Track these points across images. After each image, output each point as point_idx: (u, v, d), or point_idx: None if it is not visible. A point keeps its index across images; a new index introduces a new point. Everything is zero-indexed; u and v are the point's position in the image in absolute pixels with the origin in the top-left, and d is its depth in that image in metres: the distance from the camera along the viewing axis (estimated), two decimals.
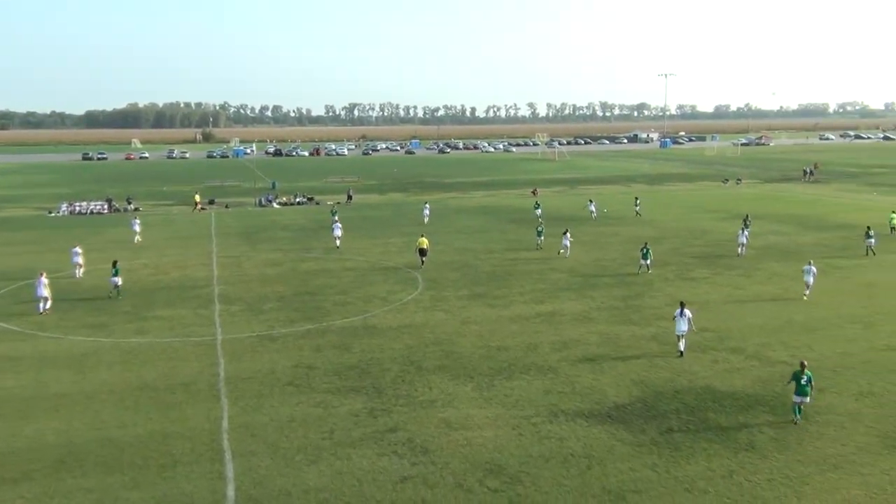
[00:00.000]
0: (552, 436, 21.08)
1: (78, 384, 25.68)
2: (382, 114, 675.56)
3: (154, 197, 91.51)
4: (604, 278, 41.25)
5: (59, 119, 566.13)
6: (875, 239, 47.62)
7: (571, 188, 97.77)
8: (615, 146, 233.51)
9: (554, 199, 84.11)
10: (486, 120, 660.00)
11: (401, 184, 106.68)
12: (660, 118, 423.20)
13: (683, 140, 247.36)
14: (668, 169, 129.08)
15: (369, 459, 19.82)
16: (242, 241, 56.60)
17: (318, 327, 32.33)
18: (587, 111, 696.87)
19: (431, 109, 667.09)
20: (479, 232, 59.30)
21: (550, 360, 27.61)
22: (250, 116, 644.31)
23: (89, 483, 18.74)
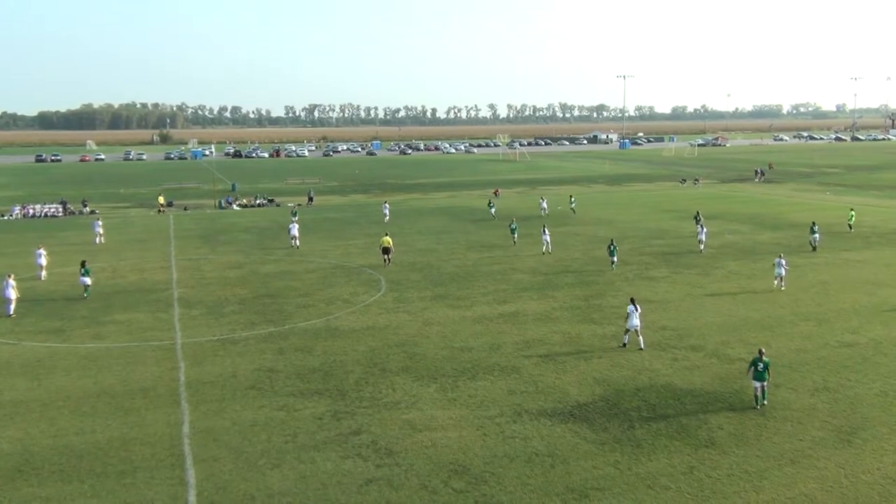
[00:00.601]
0: (516, 435, 21.19)
1: (33, 391, 25.13)
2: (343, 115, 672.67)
3: (110, 199, 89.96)
4: (566, 278, 41.57)
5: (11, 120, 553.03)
6: (818, 235, 49.09)
7: (533, 189, 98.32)
8: (575, 147, 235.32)
9: (513, 199, 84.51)
10: (447, 121, 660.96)
11: (362, 185, 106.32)
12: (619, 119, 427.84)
13: (642, 141, 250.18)
14: (627, 169, 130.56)
15: (333, 462, 19.72)
16: (202, 244, 55.90)
17: (280, 330, 32.07)
18: (547, 112, 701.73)
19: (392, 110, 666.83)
20: (441, 233, 59.37)
21: (514, 360, 27.75)
22: (209, 117, 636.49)
23: (46, 492, 18.35)
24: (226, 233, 61.52)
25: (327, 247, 53.38)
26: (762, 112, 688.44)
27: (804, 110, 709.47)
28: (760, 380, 22.82)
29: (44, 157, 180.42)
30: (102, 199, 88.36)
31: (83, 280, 38.34)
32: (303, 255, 49.86)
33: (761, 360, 22.81)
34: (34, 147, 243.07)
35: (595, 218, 66.56)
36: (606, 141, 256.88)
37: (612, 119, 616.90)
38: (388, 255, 45.76)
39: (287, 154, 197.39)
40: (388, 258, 45.77)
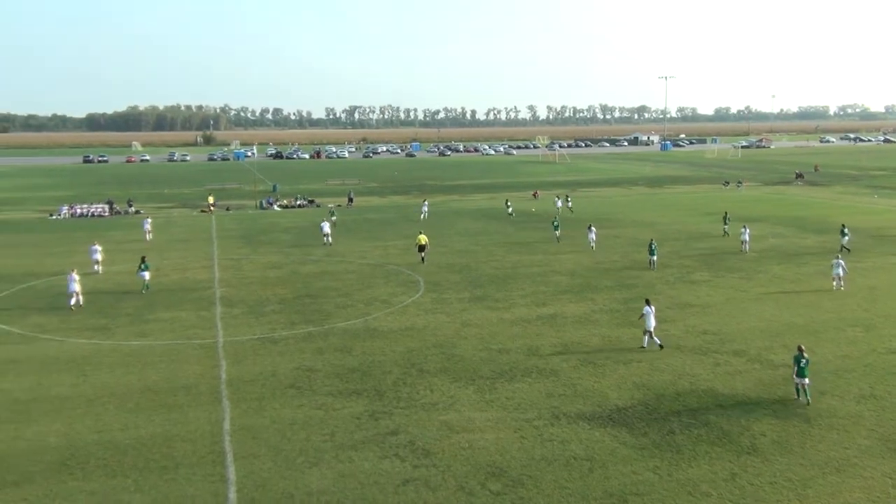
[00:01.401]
0: (554, 438, 21.06)
1: (79, 387, 25.67)
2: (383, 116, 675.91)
3: (155, 200, 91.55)
4: (605, 280, 41.24)
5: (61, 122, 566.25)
6: (849, 237, 48.99)
7: (572, 191, 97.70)
8: (616, 149, 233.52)
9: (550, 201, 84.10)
10: (486, 122, 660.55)
11: (401, 186, 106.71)
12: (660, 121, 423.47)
13: (684, 142, 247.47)
14: (668, 171, 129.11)
15: (371, 462, 19.81)
16: (244, 244, 56.61)
17: (320, 330, 32.32)
18: (587, 114, 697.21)
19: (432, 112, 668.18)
20: (480, 234, 59.31)
21: (552, 362, 27.60)
22: (251, 119, 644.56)
23: (91, 486, 18.73)
24: (267, 233, 62.21)
25: (366, 247, 53.67)
26: (808, 113, 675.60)
27: (852, 111, 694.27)
28: (802, 376, 23.29)
29: (91, 158, 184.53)
30: (147, 200, 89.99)
31: (142, 275, 40.28)
32: (342, 256, 50.21)
33: (802, 356, 23.35)
34: (82, 148, 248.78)
35: (635, 220, 65.93)
36: (647, 142, 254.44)
37: (653, 120, 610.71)
38: (423, 253, 46.87)
39: (327, 155, 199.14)
40: (424, 256, 46.76)
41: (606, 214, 71.04)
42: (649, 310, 28.97)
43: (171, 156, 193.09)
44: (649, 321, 28.86)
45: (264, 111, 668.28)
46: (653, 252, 44.76)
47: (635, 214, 70.41)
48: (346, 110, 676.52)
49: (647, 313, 28.92)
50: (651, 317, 28.88)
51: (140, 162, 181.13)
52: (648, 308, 29.05)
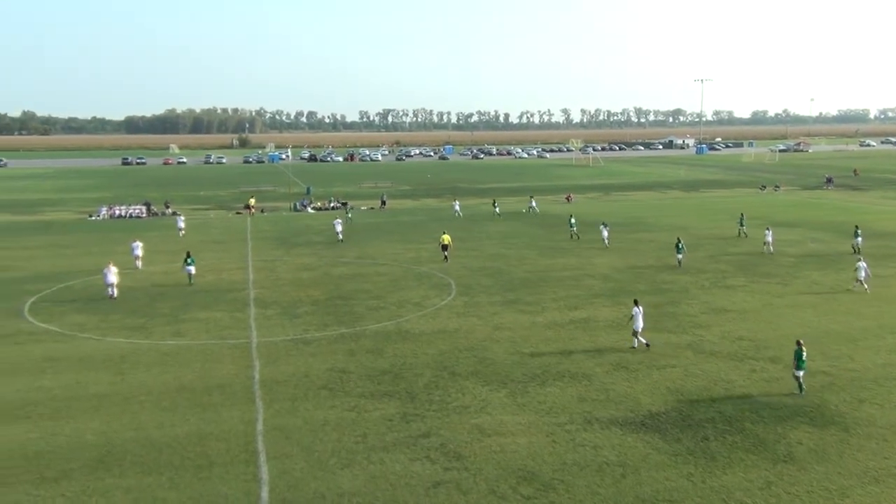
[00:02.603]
0: (586, 443, 20.94)
1: (117, 385, 26.09)
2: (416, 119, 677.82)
3: (191, 201, 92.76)
4: (638, 285, 40.90)
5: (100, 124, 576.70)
6: (861, 239, 49.94)
7: (606, 194, 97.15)
8: (650, 152, 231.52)
9: (585, 204, 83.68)
10: (519, 126, 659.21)
11: (434, 189, 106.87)
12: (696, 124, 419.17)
13: (720, 146, 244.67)
14: (704, 175, 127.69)
15: (402, 464, 19.85)
16: (277, 246, 57.12)
17: (352, 332, 32.49)
18: (622, 117, 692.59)
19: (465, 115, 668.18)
20: (513, 237, 59.16)
21: (584, 366, 27.44)
22: (286, 122, 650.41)
23: (127, 482, 19.02)
24: (300, 235, 62.70)
25: (398, 250, 53.84)
26: (847, 117, 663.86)
27: (893, 115, 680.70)
28: (803, 369, 24.23)
29: (129, 160, 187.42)
30: (184, 202, 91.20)
31: (188, 269, 42.78)
32: (374, 259, 50.43)
33: (802, 350, 24.22)
34: (121, 150, 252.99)
35: (669, 224, 65.30)
36: (683, 146, 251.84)
37: (688, 124, 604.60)
38: (446, 252, 48.28)
39: (361, 158, 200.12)
40: (447, 255, 48.15)
41: (640, 218, 70.48)
42: (638, 311, 29.25)
43: (208, 158, 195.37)
44: (637, 322, 29.06)
45: (299, 114, 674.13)
46: (679, 250, 45.69)
47: (669, 218, 69.76)
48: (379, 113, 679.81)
49: (636, 314, 29.22)
50: (639, 318, 29.14)
51: (177, 164, 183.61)
52: (637, 309, 29.33)
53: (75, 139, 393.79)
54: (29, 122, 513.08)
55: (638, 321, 29.21)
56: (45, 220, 75.52)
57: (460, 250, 53.25)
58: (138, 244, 48.67)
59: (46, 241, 60.90)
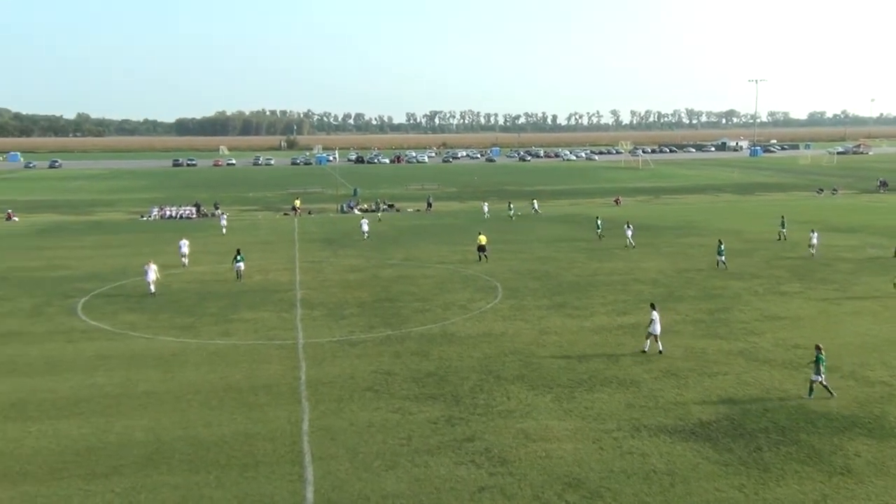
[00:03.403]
0: (634, 451, 20.69)
1: (166, 383, 26.61)
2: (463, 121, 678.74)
3: (240, 202, 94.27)
4: (689, 290, 40.31)
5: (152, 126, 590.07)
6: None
7: (656, 197, 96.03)
8: (702, 154, 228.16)
9: (632, 207, 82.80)
10: (567, 127, 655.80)
11: (481, 192, 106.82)
12: (750, 125, 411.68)
13: (775, 148, 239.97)
14: (758, 178, 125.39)
15: (447, 468, 19.86)
16: (324, 247, 57.69)
17: (398, 334, 32.64)
18: (672, 118, 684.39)
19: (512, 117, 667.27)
20: (560, 241, 58.82)
21: (633, 373, 27.14)
22: (333, 124, 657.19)
23: (175, 480, 19.38)
24: (347, 237, 63.22)
25: (444, 252, 53.93)
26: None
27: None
28: (819, 374, 24.16)
29: (180, 162, 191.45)
30: (232, 203, 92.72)
31: (237, 266, 44.37)
32: (420, 261, 50.59)
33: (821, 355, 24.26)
34: (171, 152, 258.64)
35: (720, 228, 64.22)
36: (736, 148, 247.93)
37: (742, 125, 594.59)
38: (483, 253, 49.22)
39: (407, 160, 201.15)
40: (485, 255, 49.14)
41: (691, 222, 69.49)
42: (656, 315, 29.09)
43: (256, 160, 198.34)
44: (655, 326, 28.93)
45: (346, 116, 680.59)
46: (721, 252, 46.07)
47: (721, 222, 68.63)
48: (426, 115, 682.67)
49: (655, 318, 28.95)
50: (657, 322, 28.99)
51: (226, 165, 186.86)
52: (655, 313, 29.17)
53: (128, 141, 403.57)
54: (83, 123, 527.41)
55: (656, 325, 29.02)
56: (97, 221, 77.48)
57: (507, 252, 53.16)
58: (185, 242, 50.29)
59: (99, 240, 62.48)
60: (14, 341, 31.96)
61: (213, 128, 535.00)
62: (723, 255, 46.22)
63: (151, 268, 41.17)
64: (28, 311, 37.39)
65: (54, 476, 19.60)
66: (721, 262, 46.10)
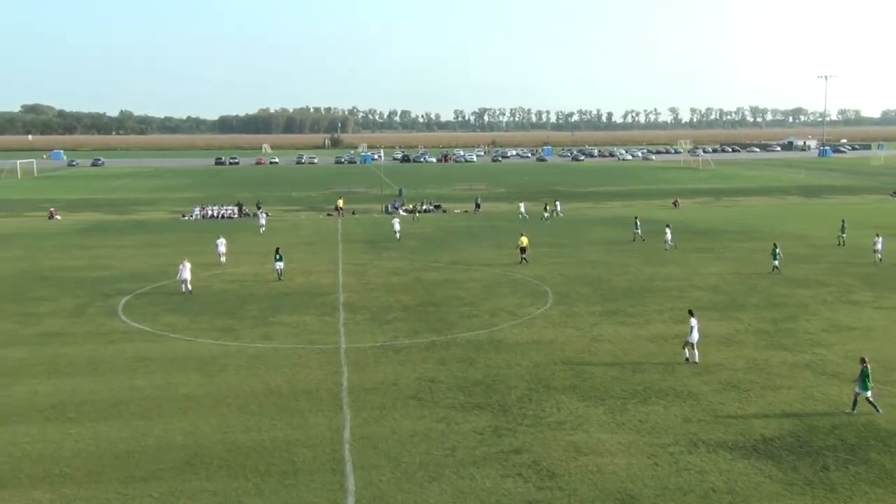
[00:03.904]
0: (691, 467, 20.36)
1: (205, 387, 27.04)
2: (513, 119, 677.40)
3: (282, 202, 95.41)
4: (752, 298, 39.59)
5: (195, 124, 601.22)
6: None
7: (717, 199, 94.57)
8: (767, 154, 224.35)
9: (693, 209, 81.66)
10: (623, 125, 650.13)
11: (531, 192, 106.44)
12: (818, 124, 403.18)
13: (846, 148, 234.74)
14: (827, 180, 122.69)
15: (493, 480, 19.78)
16: (368, 249, 58.06)
17: (443, 339, 32.66)
18: (735, 116, 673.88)
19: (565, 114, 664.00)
20: (614, 244, 58.27)
21: (691, 384, 26.73)
22: (378, 122, 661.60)
23: (214, 486, 19.66)
24: (392, 238, 63.49)
25: (492, 255, 53.84)
26: None
27: None
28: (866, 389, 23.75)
29: (223, 160, 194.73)
30: (275, 202, 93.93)
31: (277, 265, 45.56)
32: (467, 264, 50.60)
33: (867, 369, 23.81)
34: (214, 150, 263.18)
35: (786, 233, 62.98)
36: (803, 148, 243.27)
37: (809, 124, 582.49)
38: (524, 255, 50.20)
39: (455, 159, 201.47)
40: (525, 257, 50.11)
41: (754, 226, 68.28)
42: (695, 322, 29.13)
43: (300, 158, 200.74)
44: (693, 334, 28.93)
45: (392, 113, 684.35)
46: (776, 257, 46.25)
47: (787, 226, 67.28)
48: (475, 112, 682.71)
49: (693, 326, 29.03)
50: (696, 330, 28.99)
51: (269, 164, 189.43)
52: (694, 320, 29.23)
53: (170, 139, 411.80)
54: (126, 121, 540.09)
55: (694, 333, 28.94)
56: (139, 220, 79.19)
57: (557, 256, 52.89)
58: (222, 241, 51.89)
59: (141, 240, 63.83)
60: (55, 342, 32.81)
61: (256, 125, 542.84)
62: (777, 261, 46.16)
63: (186, 266, 42.32)
64: (69, 311, 38.36)
65: (93, 479, 20.05)
66: (775, 268, 46.09)
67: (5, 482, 19.89)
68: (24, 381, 27.63)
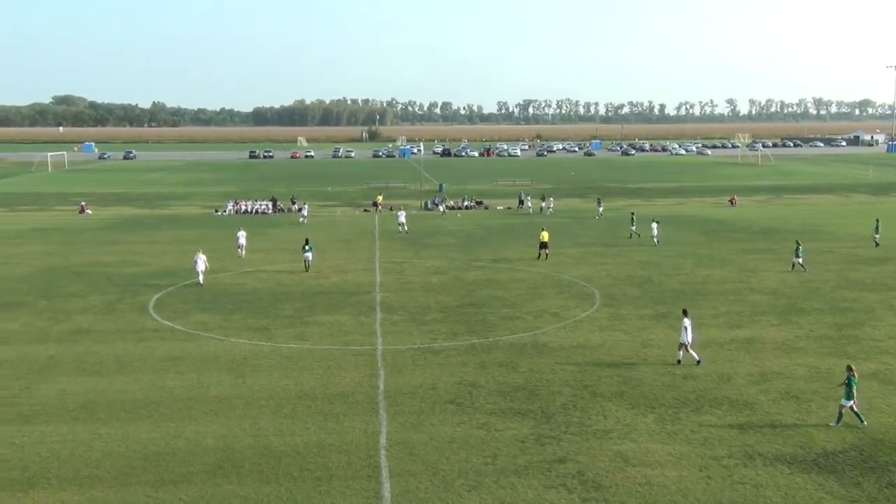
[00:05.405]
0: (746, 481, 20.11)
1: (237, 388, 27.38)
2: (560, 111, 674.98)
3: (318, 197, 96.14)
4: (814, 302, 38.94)
5: (228, 116, 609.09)
6: None
7: (777, 197, 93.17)
8: (831, 149, 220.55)
9: (751, 207, 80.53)
10: (677, 118, 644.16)
11: (578, 188, 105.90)
12: (887, 117, 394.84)
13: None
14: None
15: (535, 490, 19.74)
16: (406, 247, 58.26)
17: (484, 342, 32.66)
18: (797, 109, 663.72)
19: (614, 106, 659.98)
20: (665, 244, 57.70)
21: (747, 393, 26.39)
22: (418, 114, 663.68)
23: (245, 491, 19.90)
24: (431, 236, 63.68)
25: (536, 254, 53.63)
26: None
27: None
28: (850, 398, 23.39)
29: (257, 154, 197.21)
30: (310, 197, 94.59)
31: (306, 255, 47.41)
32: (510, 263, 50.51)
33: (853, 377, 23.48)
34: (248, 143, 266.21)
35: (852, 233, 61.79)
36: (871, 143, 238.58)
37: (878, 117, 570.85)
38: (545, 250, 51.21)
39: (498, 153, 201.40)
40: (546, 253, 51.12)
41: (817, 225, 67.13)
42: (688, 322, 29.30)
43: (336, 151, 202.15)
44: (685, 335, 29.14)
45: (432, 105, 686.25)
46: (798, 254, 46.79)
47: (852, 226, 65.98)
48: (519, 105, 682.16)
49: (686, 326, 29.19)
50: (689, 330, 29.15)
51: (304, 158, 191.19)
52: (687, 320, 29.40)
53: (203, 131, 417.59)
54: (159, 113, 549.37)
55: (687, 334, 29.13)
56: (171, 215, 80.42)
57: (604, 256, 52.56)
58: (242, 233, 53.87)
59: (173, 235, 64.85)
60: (85, 339, 33.49)
61: (291, 117, 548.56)
62: (799, 258, 46.67)
63: (201, 258, 43.81)
64: (100, 307, 39.12)
65: (123, 482, 20.42)
66: (798, 265, 46.60)
67: (34, 482, 20.36)
68: (54, 380, 28.25)
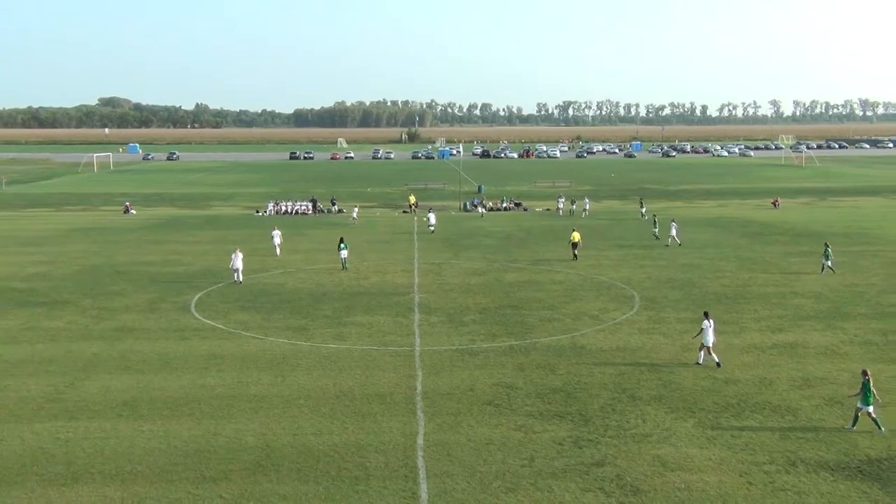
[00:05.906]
0: (788, 488, 19.81)
1: (277, 387, 27.64)
2: (600, 113, 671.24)
3: (357, 198, 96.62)
4: (859, 307, 38.25)
5: (269, 118, 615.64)
6: None
7: (821, 199, 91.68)
8: (878, 151, 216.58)
9: (796, 210, 79.34)
10: (719, 119, 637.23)
11: (618, 190, 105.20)
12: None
13: None
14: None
15: (572, 494, 19.65)
16: (445, 248, 58.32)
17: (522, 344, 32.59)
18: (843, 110, 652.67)
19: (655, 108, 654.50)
20: (707, 247, 57.10)
21: (789, 399, 26.01)
22: (457, 115, 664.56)
23: (284, 489, 20.08)
24: (470, 237, 63.69)
25: (572, 256, 53.38)
26: None
27: None
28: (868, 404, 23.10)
29: (297, 155, 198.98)
30: (350, 198, 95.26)
31: (342, 254, 48.77)
32: (549, 265, 50.34)
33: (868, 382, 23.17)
34: (289, 144, 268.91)
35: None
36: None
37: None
38: (576, 250, 51.70)
39: (537, 154, 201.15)
40: (576, 253, 51.65)
41: (863, 228, 65.92)
42: (708, 324, 29.32)
43: (376, 153, 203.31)
44: (707, 336, 29.16)
45: (472, 106, 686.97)
46: (827, 257, 46.32)
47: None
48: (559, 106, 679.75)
49: (706, 328, 29.20)
50: (710, 332, 29.19)
51: (344, 159, 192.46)
52: (707, 322, 29.38)
53: (245, 132, 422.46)
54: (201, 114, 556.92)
55: (707, 335, 29.15)
56: (213, 215, 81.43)
57: (644, 259, 52.14)
58: (277, 233, 55.42)
59: (214, 235, 65.66)
60: (128, 337, 34.05)
61: (331, 119, 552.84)
62: (829, 261, 46.22)
63: (238, 255, 44.69)
64: (143, 306, 39.74)
65: (164, 478, 20.72)
66: (827, 267, 46.16)
67: (78, 477, 20.75)
68: (98, 377, 28.77)
